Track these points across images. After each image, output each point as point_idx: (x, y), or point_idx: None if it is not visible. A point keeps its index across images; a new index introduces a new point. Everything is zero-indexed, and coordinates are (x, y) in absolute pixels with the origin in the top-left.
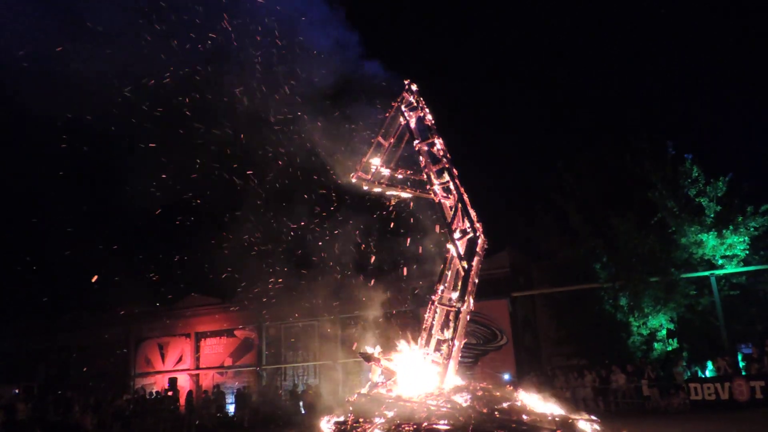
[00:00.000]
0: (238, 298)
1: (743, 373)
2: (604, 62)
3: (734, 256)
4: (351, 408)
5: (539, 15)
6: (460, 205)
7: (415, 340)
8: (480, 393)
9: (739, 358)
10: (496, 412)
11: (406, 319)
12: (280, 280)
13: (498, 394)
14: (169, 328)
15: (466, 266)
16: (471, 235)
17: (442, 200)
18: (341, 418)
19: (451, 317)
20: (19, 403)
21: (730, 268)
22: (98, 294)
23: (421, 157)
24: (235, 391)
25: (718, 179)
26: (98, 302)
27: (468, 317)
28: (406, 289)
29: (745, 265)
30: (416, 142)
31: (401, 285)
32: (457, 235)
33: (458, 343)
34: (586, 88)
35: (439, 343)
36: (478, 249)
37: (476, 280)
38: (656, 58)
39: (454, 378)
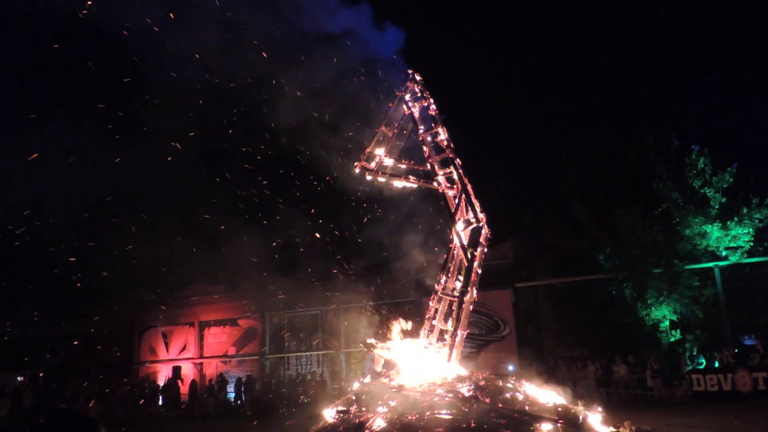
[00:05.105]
0: (241, 287)
1: (747, 364)
2: (609, 52)
3: (738, 247)
4: (354, 397)
5: (544, 5)
6: (463, 195)
7: (419, 330)
8: (483, 383)
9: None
10: (498, 403)
11: (409, 309)
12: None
13: (501, 384)
14: (173, 317)
15: (469, 256)
16: (475, 225)
17: (446, 190)
18: (344, 407)
19: (454, 307)
20: (27, 391)
21: (734, 260)
22: (103, 282)
23: (424, 147)
24: (238, 379)
25: (723, 170)
26: (103, 291)
27: (471, 307)
28: (410, 279)
29: (749, 256)
30: (420, 132)
31: (405, 275)
32: (460, 225)
33: (461, 333)
34: (590, 78)
35: (442, 333)
36: (481, 239)
37: (479, 271)
38: (662, 49)
39: (456, 368)
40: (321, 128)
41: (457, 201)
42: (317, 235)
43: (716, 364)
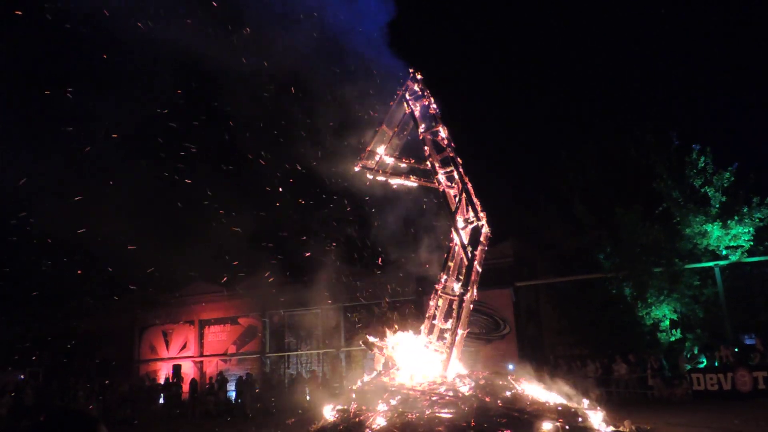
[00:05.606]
0: (242, 285)
1: (747, 364)
2: (609, 52)
3: (739, 246)
4: (354, 396)
5: (544, 5)
6: (464, 194)
7: (419, 329)
8: (483, 382)
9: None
10: (498, 401)
11: (409, 308)
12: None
13: (501, 382)
14: (173, 315)
15: (469, 255)
16: (475, 224)
17: (447, 189)
18: (344, 406)
19: (454, 306)
20: (27, 389)
21: (735, 259)
22: (103, 281)
23: (425, 146)
24: (239, 378)
25: (724, 169)
26: (103, 289)
27: (471, 306)
28: (410, 279)
29: (750, 255)
30: (420, 130)
31: (405, 274)
32: (461, 224)
33: (461, 332)
34: (590, 78)
35: (443, 332)
36: (481, 238)
37: (479, 270)
38: (662, 48)
39: (457, 367)
40: (322, 125)
41: (457, 200)
42: (316, 232)
43: (716, 364)
